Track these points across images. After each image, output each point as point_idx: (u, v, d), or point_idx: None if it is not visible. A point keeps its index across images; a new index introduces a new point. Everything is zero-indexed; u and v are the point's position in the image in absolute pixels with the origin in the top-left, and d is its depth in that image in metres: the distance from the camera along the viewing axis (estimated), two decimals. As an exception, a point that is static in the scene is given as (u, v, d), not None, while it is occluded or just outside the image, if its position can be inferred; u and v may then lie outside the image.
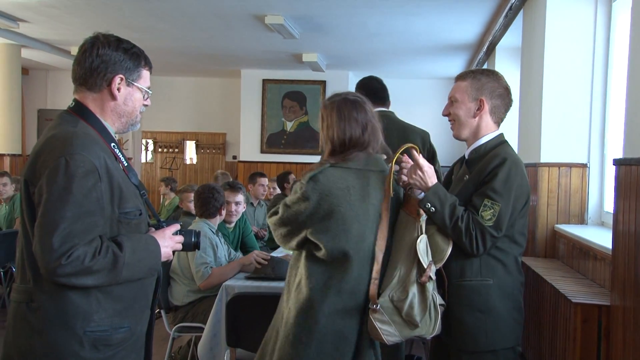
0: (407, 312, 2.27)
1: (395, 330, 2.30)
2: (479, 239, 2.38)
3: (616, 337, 2.75)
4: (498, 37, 6.75)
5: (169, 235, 2.08)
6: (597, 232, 3.88)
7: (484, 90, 2.54)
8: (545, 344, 3.49)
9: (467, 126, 2.57)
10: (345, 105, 2.42)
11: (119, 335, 1.96)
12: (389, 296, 2.30)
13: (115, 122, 2.08)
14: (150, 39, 8.20)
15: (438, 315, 2.33)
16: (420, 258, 2.28)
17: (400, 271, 2.31)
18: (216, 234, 4.25)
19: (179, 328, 3.97)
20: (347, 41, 8.29)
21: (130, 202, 1.97)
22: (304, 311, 2.29)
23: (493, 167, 2.41)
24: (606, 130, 4.31)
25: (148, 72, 2.15)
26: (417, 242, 2.29)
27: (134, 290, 2.00)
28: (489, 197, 2.38)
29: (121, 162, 2.01)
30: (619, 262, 2.72)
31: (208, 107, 12.30)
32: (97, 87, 2.04)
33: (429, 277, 2.29)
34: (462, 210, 2.38)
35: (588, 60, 4.35)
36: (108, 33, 2.08)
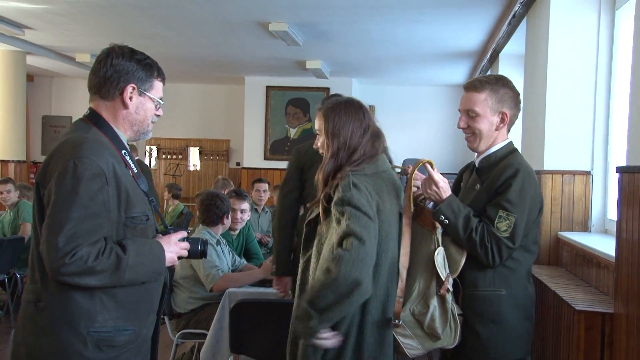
0: (429, 325, 2.28)
1: (417, 344, 2.31)
2: (494, 251, 2.35)
3: (620, 345, 2.74)
4: (501, 44, 6.76)
5: (175, 241, 2.12)
6: (600, 240, 3.87)
7: (504, 102, 2.47)
8: (549, 351, 3.48)
9: (489, 140, 2.51)
10: (352, 107, 2.40)
11: (123, 337, 2.00)
12: (410, 310, 2.30)
13: (127, 130, 2.14)
14: (155, 45, 8.23)
15: (458, 325, 2.32)
16: (439, 271, 2.27)
17: (420, 284, 2.30)
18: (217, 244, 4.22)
19: (182, 334, 3.97)
20: (351, 48, 8.31)
21: (137, 208, 2.02)
22: None
23: (506, 178, 2.37)
24: (610, 138, 4.30)
25: (161, 83, 2.23)
26: (435, 255, 2.28)
27: (138, 294, 2.04)
28: (504, 209, 2.34)
29: (131, 169, 2.07)
30: (623, 270, 2.71)
31: (212, 113, 12.33)
32: (110, 96, 2.10)
33: (447, 288, 2.29)
34: (476, 222, 2.35)
35: (591, 67, 4.35)
36: (123, 44, 2.16)
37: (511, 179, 2.37)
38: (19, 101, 9.21)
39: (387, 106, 11.46)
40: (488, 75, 2.55)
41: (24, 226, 6.30)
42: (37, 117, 12.45)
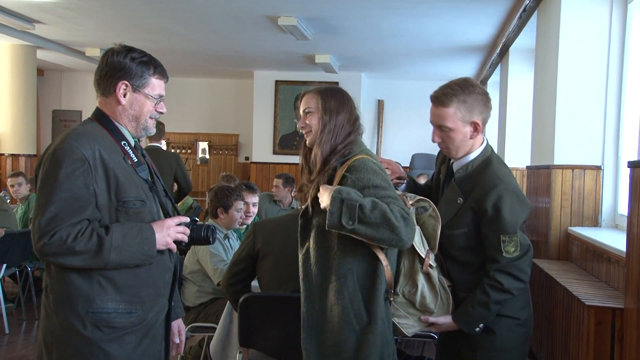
0: (421, 303, 2.35)
1: (413, 322, 2.38)
2: (520, 275, 2.39)
3: (630, 340, 2.73)
4: (512, 38, 6.73)
5: (170, 225, 2.18)
6: (611, 235, 3.85)
7: (474, 110, 2.44)
8: (558, 346, 3.47)
9: (464, 148, 2.51)
10: (345, 94, 2.47)
11: (124, 319, 2.10)
12: (400, 292, 2.35)
13: (127, 125, 2.25)
14: (164, 40, 8.24)
15: (449, 295, 2.40)
16: (417, 249, 2.32)
17: (405, 265, 2.36)
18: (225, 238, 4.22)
19: (191, 328, 3.98)
20: (360, 42, 8.29)
21: (130, 193, 2.12)
22: None
23: (494, 204, 2.37)
24: (621, 132, 4.28)
25: (159, 81, 2.28)
26: None
27: (139, 278, 2.14)
28: (504, 233, 2.37)
29: (130, 159, 2.18)
30: (634, 265, 2.70)
31: (221, 108, 12.35)
32: (108, 92, 2.21)
33: (430, 265, 2.35)
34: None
35: (603, 61, 4.32)
36: (124, 44, 2.24)
37: (498, 203, 2.37)
38: (30, 95, 9.26)
39: (396, 101, 11.44)
40: (452, 83, 2.51)
41: (35, 220, 6.33)
42: (48, 111, 12.52)
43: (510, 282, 2.38)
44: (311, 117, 2.42)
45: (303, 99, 2.49)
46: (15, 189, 6.51)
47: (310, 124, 2.42)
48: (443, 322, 2.44)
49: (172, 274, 2.30)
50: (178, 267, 2.34)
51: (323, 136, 2.37)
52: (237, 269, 3.18)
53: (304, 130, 2.45)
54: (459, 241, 2.46)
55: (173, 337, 2.43)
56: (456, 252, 2.48)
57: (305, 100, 2.47)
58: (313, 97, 2.44)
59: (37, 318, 5.89)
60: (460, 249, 2.47)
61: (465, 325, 2.43)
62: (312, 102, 2.44)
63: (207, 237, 2.26)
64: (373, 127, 11.54)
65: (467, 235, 2.44)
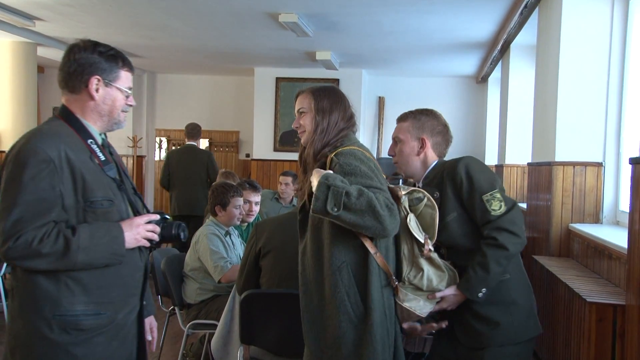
0: (428, 286, 2.39)
1: (424, 302, 2.41)
2: (513, 227, 2.45)
3: (631, 336, 2.73)
4: (513, 34, 6.72)
5: (139, 224, 2.17)
6: (612, 232, 3.85)
7: (424, 129, 2.69)
8: (560, 343, 3.47)
9: (412, 164, 2.70)
10: (339, 93, 2.52)
11: (92, 321, 2.07)
12: (406, 278, 2.37)
13: (97, 122, 2.22)
14: (165, 37, 8.23)
15: (456, 273, 2.46)
16: (415, 234, 2.36)
17: (405, 252, 2.39)
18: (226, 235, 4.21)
19: (192, 325, 3.99)
20: (361, 39, 8.28)
21: (98, 192, 2.09)
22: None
23: (464, 172, 2.51)
24: (622, 129, 4.27)
25: (128, 73, 2.27)
26: (408, 222, 2.36)
27: (109, 278, 2.12)
28: (484, 193, 2.47)
29: (97, 157, 2.15)
30: (635, 262, 2.70)
31: (221, 105, 12.34)
32: (77, 89, 2.18)
33: (429, 249, 2.38)
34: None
35: (604, 58, 4.32)
36: (87, 39, 2.26)
37: (468, 169, 2.52)
38: (30, 92, 9.25)
39: (397, 97, 11.42)
40: (420, 109, 2.77)
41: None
42: (48, 108, 12.50)
43: (505, 236, 2.44)
44: (305, 117, 2.48)
45: (297, 99, 2.54)
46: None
47: (304, 124, 2.48)
48: (449, 294, 2.47)
49: (142, 273, 2.27)
50: (149, 266, 2.32)
51: (315, 136, 2.43)
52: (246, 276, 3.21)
53: (299, 130, 2.51)
54: (454, 227, 2.53)
55: (145, 335, 2.39)
56: (456, 240, 2.54)
57: (299, 101, 2.52)
58: (306, 97, 2.49)
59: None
60: (459, 237, 2.54)
61: (468, 291, 2.45)
62: (305, 102, 2.49)
63: (177, 234, 2.25)
64: (374, 124, 11.53)
65: (458, 219, 2.53)
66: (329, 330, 2.31)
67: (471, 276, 2.46)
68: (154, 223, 2.20)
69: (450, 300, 2.49)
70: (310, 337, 2.36)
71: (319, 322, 2.34)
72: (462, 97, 11.01)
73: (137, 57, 10.23)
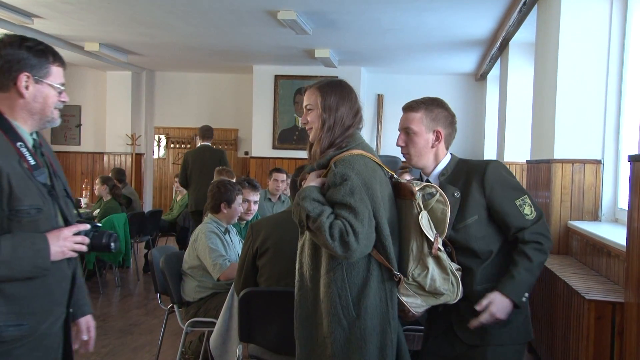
0: (431, 285, 2.35)
1: (421, 301, 2.39)
2: (548, 234, 2.48)
3: (630, 334, 2.73)
4: (512, 32, 6.71)
5: (66, 236, 2.06)
6: (611, 229, 3.85)
7: (438, 120, 2.61)
8: (558, 340, 3.47)
9: (426, 157, 2.64)
10: (346, 87, 2.49)
11: (13, 332, 1.97)
12: (410, 274, 2.36)
13: (27, 121, 2.09)
14: (163, 34, 8.22)
15: (458, 280, 2.40)
16: (426, 232, 2.34)
17: (413, 248, 2.37)
18: (225, 232, 4.21)
19: (191, 323, 3.98)
20: (360, 37, 8.27)
21: (25, 201, 1.98)
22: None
23: (495, 177, 2.49)
24: (621, 126, 4.27)
25: (59, 69, 2.15)
26: (420, 219, 2.34)
27: (32, 288, 2.01)
28: (517, 198, 2.47)
29: (27, 162, 2.03)
30: (634, 259, 2.70)
31: (220, 103, 12.33)
32: (5, 87, 2.05)
33: (438, 248, 2.36)
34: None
35: (603, 55, 4.31)
36: (14, 33, 2.12)
37: (498, 174, 2.50)
38: (29, 90, 9.23)
39: (395, 95, 11.41)
40: (424, 98, 2.69)
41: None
42: (47, 107, 12.49)
43: (547, 242, 2.46)
44: (311, 113, 2.46)
45: (305, 94, 2.51)
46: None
47: (311, 120, 2.46)
48: (493, 299, 2.41)
49: (70, 282, 2.18)
50: (76, 273, 2.23)
51: (322, 134, 2.41)
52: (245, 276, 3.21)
53: (306, 126, 2.49)
54: (474, 231, 2.49)
55: (81, 335, 2.33)
56: (474, 244, 2.49)
57: (307, 96, 2.49)
58: (313, 94, 2.47)
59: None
60: (477, 240, 2.50)
61: (515, 294, 2.42)
62: (312, 98, 2.46)
63: (107, 244, 2.16)
64: (373, 122, 11.52)
65: (479, 222, 2.49)
66: (319, 329, 2.32)
67: (518, 280, 2.42)
68: (84, 233, 2.10)
69: (498, 305, 2.42)
70: (302, 334, 2.38)
71: (311, 320, 2.35)
72: (461, 95, 11.00)
73: (136, 55, 10.22)
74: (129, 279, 7.78)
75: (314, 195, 2.26)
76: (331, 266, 2.29)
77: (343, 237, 2.17)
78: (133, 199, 8.34)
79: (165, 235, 8.89)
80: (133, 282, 7.59)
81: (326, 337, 2.29)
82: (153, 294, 6.49)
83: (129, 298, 6.82)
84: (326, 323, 2.29)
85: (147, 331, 5.43)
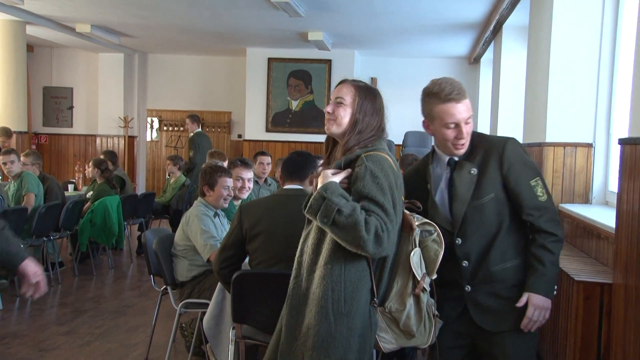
0: (405, 323, 2.33)
1: (392, 338, 2.37)
2: (558, 218, 2.49)
3: (617, 314, 2.77)
4: (505, 15, 6.70)
5: None
6: (601, 212, 3.89)
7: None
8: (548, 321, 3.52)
9: None
10: (381, 99, 2.49)
11: None
12: (387, 307, 2.34)
13: None
14: (156, 16, 8.16)
15: (432, 325, 2.38)
16: (414, 270, 2.31)
17: (398, 283, 2.35)
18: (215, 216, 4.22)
19: (185, 304, 4.01)
20: (353, 19, 8.25)
21: None
22: None
23: (515, 155, 2.46)
24: (612, 110, 4.30)
25: None
26: (411, 256, 2.32)
27: None
28: (532, 178, 2.45)
29: None
30: (622, 241, 2.74)
31: (213, 85, 12.28)
32: None
33: (423, 288, 2.34)
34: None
35: (595, 39, 4.32)
36: None
37: (517, 152, 2.47)
38: (20, 72, 9.17)
39: (389, 78, 11.40)
40: (451, 80, 2.61)
41: (28, 196, 6.33)
42: (38, 88, 12.41)
43: (560, 229, 2.46)
44: (342, 109, 2.40)
45: (340, 87, 2.45)
46: (8, 167, 6.48)
47: (339, 115, 2.39)
48: (534, 298, 2.40)
49: None
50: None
51: (352, 135, 2.37)
52: (227, 254, 3.21)
53: (329, 117, 2.41)
54: (490, 208, 2.46)
55: (29, 280, 2.38)
56: (488, 222, 2.47)
57: (344, 91, 2.43)
58: (351, 91, 2.41)
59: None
60: (491, 217, 2.47)
61: (547, 290, 2.41)
62: (349, 95, 2.40)
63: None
64: (366, 105, 11.54)
65: (495, 200, 2.46)
66: (305, 319, 2.31)
67: (549, 277, 2.41)
68: None
69: (538, 305, 2.41)
70: (289, 322, 2.36)
71: (300, 309, 2.34)
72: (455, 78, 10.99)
73: (128, 37, 10.15)
74: (123, 261, 7.80)
75: (340, 191, 2.24)
76: (331, 259, 2.28)
77: (378, 233, 2.16)
78: (126, 180, 8.36)
79: (158, 218, 8.90)
80: (126, 264, 7.61)
81: (310, 327, 2.28)
82: (146, 275, 6.51)
83: (123, 280, 6.84)
84: (313, 313, 2.28)
85: (141, 312, 5.46)
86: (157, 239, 4.16)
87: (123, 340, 4.74)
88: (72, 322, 5.14)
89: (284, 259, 3.00)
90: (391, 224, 2.21)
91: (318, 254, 2.33)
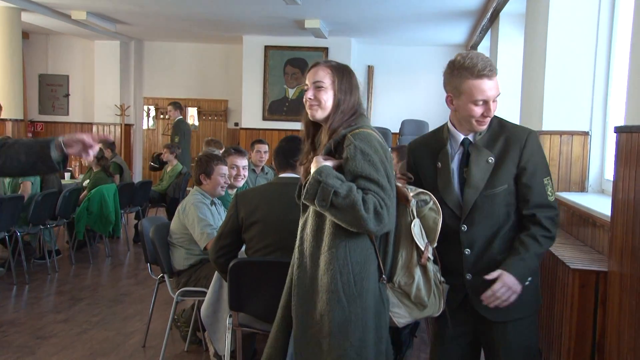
0: (416, 295, 2.34)
1: (405, 312, 2.37)
2: (558, 220, 2.48)
3: (613, 302, 2.79)
4: (502, 3, 6.68)
5: None
6: (597, 200, 3.90)
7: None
8: (543, 309, 3.53)
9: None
10: (353, 75, 2.47)
11: None
12: (396, 282, 2.35)
13: None
14: (152, 4, 8.11)
15: (441, 292, 2.38)
16: (417, 241, 2.32)
17: (403, 256, 2.36)
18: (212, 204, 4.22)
19: (182, 292, 4.02)
20: (350, 7, 8.21)
21: None
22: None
23: (535, 147, 2.43)
24: (609, 98, 4.30)
25: None
26: (412, 227, 2.33)
27: None
28: (545, 176, 2.44)
29: None
30: (618, 229, 2.75)
31: (210, 73, 12.24)
32: None
33: (428, 257, 2.34)
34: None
35: (592, 27, 4.31)
36: None
37: (536, 146, 2.44)
38: (15, 59, 9.12)
39: (386, 66, 11.38)
40: (481, 55, 2.47)
41: (24, 185, 6.32)
42: (34, 76, 12.35)
43: (555, 230, 2.46)
44: (323, 92, 2.38)
45: (314, 70, 2.42)
46: (3, 155, 6.46)
47: (322, 99, 2.37)
48: (506, 277, 2.35)
49: None
50: None
51: (336, 116, 2.36)
52: (223, 242, 3.22)
53: (311, 103, 2.38)
54: (501, 198, 2.44)
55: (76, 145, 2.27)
56: (498, 212, 2.44)
57: (319, 74, 2.40)
58: (327, 73, 2.39)
59: (27, 282, 5.92)
60: (501, 208, 2.44)
61: (521, 275, 2.37)
62: (327, 78, 2.39)
63: None
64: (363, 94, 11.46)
65: (507, 190, 2.44)
66: (317, 305, 2.30)
67: (527, 264, 2.38)
68: None
69: (507, 283, 2.34)
70: (299, 311, 2.35)
71: (308, 297, 2.33)
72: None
73: (124, 24, 10.10)
74: (119, 249, 7.80)
75: (335, 174, 2.23)
76: (334, 243, 2.27)
77: (377, 210, 2.16)
78: (124, 168, 8.35)
79: (155, 206, 8.89)
80: (123, 253, 7.62)
81: (323, 314, 2.27)
82: (143, 264, 6.52)
83: (120, 268, 6.85)
84: (324, 299, 2.27)
85: (138, 300, 5.47)
86: (154, 227, 4.16)
87: (120, 328, 4.75)
88: (69, 310, 5.15)
89: (281, 247, 3.01)
90: (389, 199, 2.22)
91: (319, 240, 2.32)
